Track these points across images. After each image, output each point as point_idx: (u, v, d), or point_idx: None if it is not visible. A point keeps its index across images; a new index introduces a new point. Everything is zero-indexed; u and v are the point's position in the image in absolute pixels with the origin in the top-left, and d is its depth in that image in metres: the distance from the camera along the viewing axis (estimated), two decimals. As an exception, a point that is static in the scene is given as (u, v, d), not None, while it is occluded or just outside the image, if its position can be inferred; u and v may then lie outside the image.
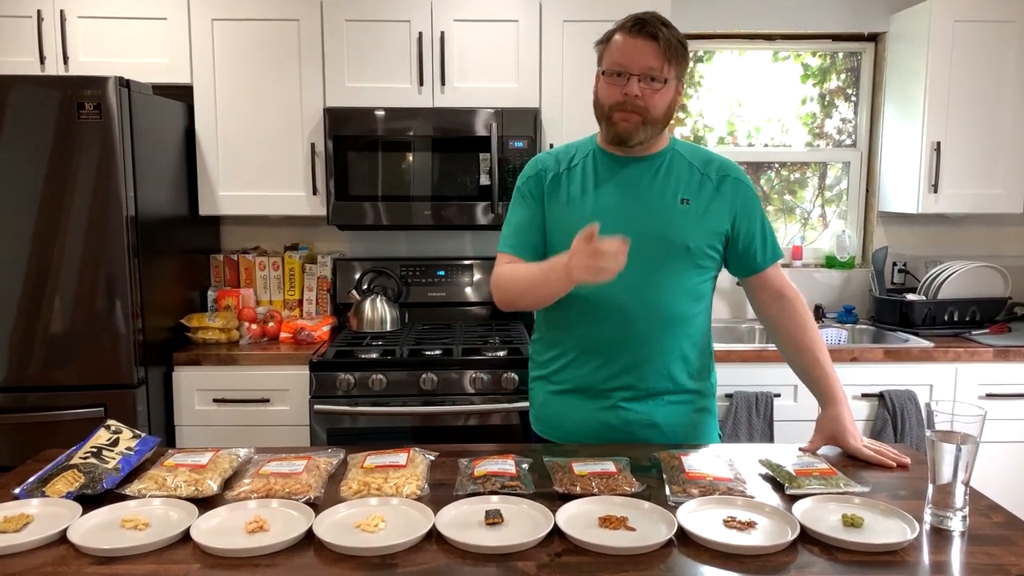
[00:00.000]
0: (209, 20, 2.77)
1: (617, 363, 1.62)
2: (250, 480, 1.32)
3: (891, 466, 1.46)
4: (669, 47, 1.51)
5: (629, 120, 1.55)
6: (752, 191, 1.67)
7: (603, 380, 1.63)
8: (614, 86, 1.55)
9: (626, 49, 1.53)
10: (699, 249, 1.61)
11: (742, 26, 3.20)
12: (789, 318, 1.66)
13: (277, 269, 3.08)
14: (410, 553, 1.11)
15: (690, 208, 1.61)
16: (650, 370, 1.62)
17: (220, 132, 2.82)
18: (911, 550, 1.13)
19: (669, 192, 1.61)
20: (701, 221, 1.61)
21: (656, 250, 1.58)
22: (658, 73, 1.52)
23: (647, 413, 1.64)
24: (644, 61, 1.51)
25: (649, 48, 1.51)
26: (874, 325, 3.12)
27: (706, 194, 1.62)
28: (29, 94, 2.33)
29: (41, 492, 1.28)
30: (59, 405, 2.43)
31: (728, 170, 1.66)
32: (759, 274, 1.68)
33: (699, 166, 1.65)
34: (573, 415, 1.67)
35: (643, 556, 1.11)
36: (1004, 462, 2.69)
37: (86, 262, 2.40)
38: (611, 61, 1.56)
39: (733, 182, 1.64)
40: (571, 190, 1.65)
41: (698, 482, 1.32)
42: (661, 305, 1.60)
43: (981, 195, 2.96)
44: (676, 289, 1.61)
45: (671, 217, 1.60)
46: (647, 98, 1.53)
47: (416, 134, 2.77)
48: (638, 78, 1.52)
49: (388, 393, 2.54)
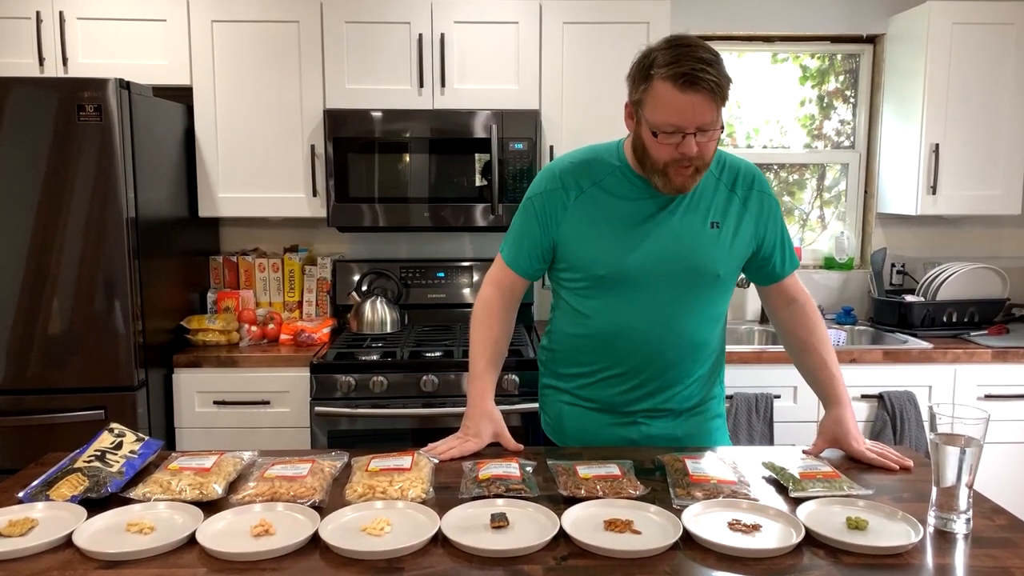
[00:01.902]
0: (209, 21, 2.77)
1: (643, 388, 1.62)
2: (255, 483, 1.32)
3: (894, 468, 1.46)
4: (720, 92, 1.38)
5: (686, 173, 1.46)
6: (775, 202, 1.63)
7: (627, 403, 1.64)
8: (668, 145, 1.42)
9: (680, 109, 1.38)
10: (728, 274, 1.60)
11: (741, 28, 3.21)
12: (799, 321, 1.65)
13: (277, 271, 3.07)
14: (416, 557, 1.11)
15: (720, 232, 1.57)
16: (675, 393, 1.63)
17: (220, 134, 2.82)
18: (916, 553, 1.13)
19: (699, 217, 1.56)
20: (731, 245, 1.58)
21: (685, 279, 1.56)
22: (712, 124, 1.41)
23: (669, 429, 1.65)
24: (700, 119, 1.39)
25: (703, 103, 1.37)
26: (873, 326, 3.13)
27: (734, 213, 1.58)
28: (29, 96, 2.32)
29: (45, 496, 1.28)
30: (59, 407, 2.43)
31: (753, 182, 1.60)
32: (776, 283, 1.68)
33: (725, 181, 1.59)
34: (593, 429, 1.67)
35: (649, 559, 1.11)
36: (1003, 463, 2.70)
37: (86, 264, 2.39)
38: (663, 121, 1.40)
39: (758, 195, 1.60)
40: (594, 213, 1.57)
41: (702, 485, 1.32)
42: (689, 334, 1.60)
43: (979, 197, 2.97)
44: (703, 315, 1.60)
45: (701, 245, 1.55)
46: (702, 148, 1.43)
47: (416, 136, 2.77)
48: (694, 135, 1.40)
49: (389, 395, 2.54)
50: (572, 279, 1.61)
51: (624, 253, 1.54)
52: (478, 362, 1.63)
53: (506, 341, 1.69)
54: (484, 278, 1.68)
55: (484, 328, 1.65)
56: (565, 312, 1.66)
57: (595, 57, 2.81)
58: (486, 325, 1.65)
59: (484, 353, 1.64)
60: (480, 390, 1.61)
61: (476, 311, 1.68)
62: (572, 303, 1.63)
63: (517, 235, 1.64)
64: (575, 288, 1.61)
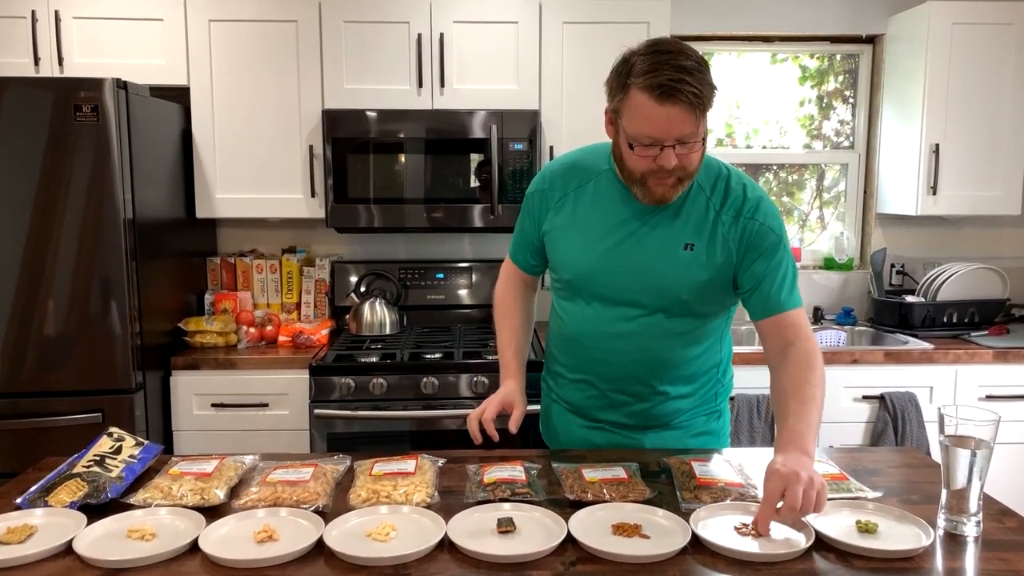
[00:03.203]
0: (206, 21, 2.74)
1: (605, 398, 1.61)
2: (257, 488, 1.30)
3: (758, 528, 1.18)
4: (700, 103, 1.30)
5: (666, 184, 1.40)
6: (773, 234, 1.46)
7: (593, 408, 1.64)
8: (645, 157, 1.36)
9: (657, 121, 1.31)
10: (696, 300, 1.49)
11: (740, 28, 3.20)
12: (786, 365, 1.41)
13: (275, 272, 3.05)
14: (423, 562, 1.10)
15: (693, 255, 1.46)
16: (638, 409, 1.60)
17: (217, 134, 2.80)
18: (926, 556, 1.12)
19: (674, 237, 1.47)
20: (703, 270, 1.47)
21: (649, 295, 1.50)
22: (693, 136, 1.34)
23: (635, 439, 1.63)
24: (678, 131, 1.32)
25: (681, 116, 1.30)
26: (873, 327, 3.12)
27: (716, 238, 1.47)
28: (24, 96, 2.29)
29: (44, 502, 1.26)
30: (55, 411, 2.40)
31: (743, 209, 1.47)
32: (763, 320, 1.48)
33: (714, 202, 1.48)
34: (564, 428, 1.71)
35: (658, 564, 1.10)
36: (1004, 464, 2.69)
37: (82, 265, 2.37)
38: (640, 132, 1.34)
39: (748, 223, 1.46)
40: (573, 216, 1.55)
41: (710, 488, 1.32)
42: (653, 352, 1.53)
43: (979, 197, 2.96)
44: (669, 335, 1.52)
45: (668, 265, 1.47)
46: (683, 159, 1.36)
47: (415, 136, 2.75)
48: (673, 147, 1.34)
49: (388, 397, 2.52)
50: (554, 279, 1.66)
51: (589, 260, 1.53)
52: (505, 352, 1.72)
53: (528, 325, 1.77)
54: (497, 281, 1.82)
55: (504, 320, 1.76)
56: (552, 311, 1.71)
57: (595, 57, 2.80)
58: (506, 317, 1.75)
59: (510, 344, 1.72)
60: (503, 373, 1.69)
61: (495, 303, 1.79)
62: (554, 303, 1.68)
63: (517, 230, 1.72)
64: (556, 288, 1.66)
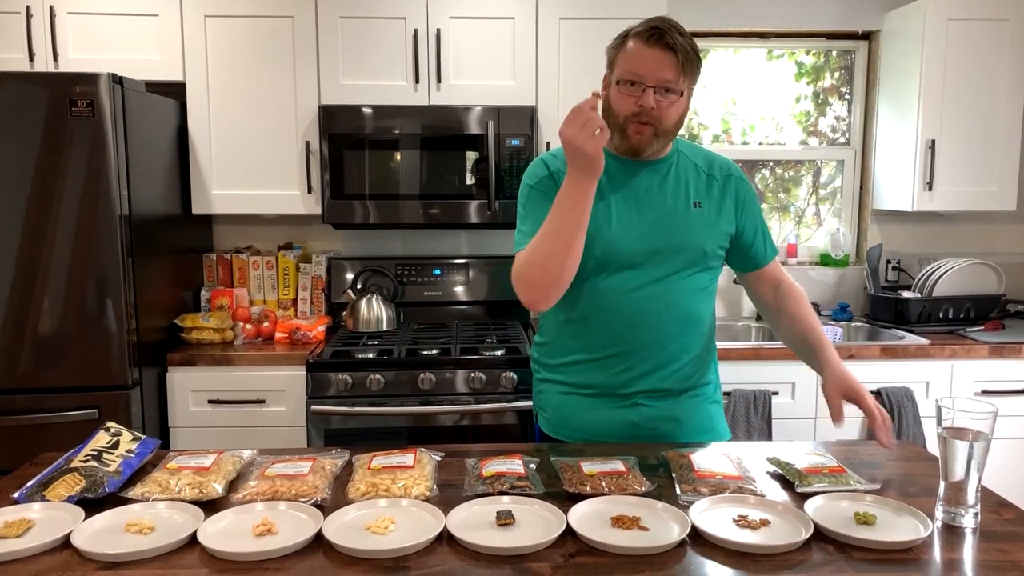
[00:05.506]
0: (202, 16, 2.73)
1: (641, 366, 1.61)
2: (255, 482, 1.30)
3: (882, 442, 1.44)
4: (687, 58, 1.47)
5: (643, 133, 1.52)
6: (752, 189, 1.70)
7: (626, 383, 1.62)
8: (628, 96, 1.50)
9: (642, 59, 1.48)
10: (712, 251, 1.63)
11: (736, 24, 3.21)
12: (785, 299, 1.69)
13: (271, 268, 3.05)
14: (422, 555, 1.10)
15: (703, 211, 1.62)
16: (673, 371, 1.63)
17: (213, 130, 2.79)
18: (925, 548, 1.13)
19: (681, 197, 1.62)
20: (714, 223, 1.63)
21: (674, 255, 1.59)
22: (674, 85, 1.48)
23: (669, 408, 1.64)
24: (660, 73, 1.47)
25: (666, 59, 1.46)
26: (869, 323, 3.13)
27: (715, 195, 1.64)
28: (19, 91, 2.28)
29: (41, 496, 1.25)
30: (51, 407, 2.39)
31: (730, 169, 1.69)
32: (760, 269, 1.73)
33: (703, 167, 1.66)
34: (595, 416, 1.65)
35: (658, 556, 1.10)
36: (999, 458, 2.70)
37: (78, 261, 2.36)
38: (626, 70, 1.50)
39: (736, 181, 1.67)
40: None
41: (708, 480, 1.32)
42: (683, 308, 1.61)
43: (975, 193, 2.97)
44: (693, 291, 1.62)
45: (686, 222, 1.60)
46: (661, 110, 1.50)
47: (411, 132, 2.75)
48: (654, 89, 1.48)
49: (385, 393, 2.52)
50: None
51: (620, 229, 1.57)
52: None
53: None
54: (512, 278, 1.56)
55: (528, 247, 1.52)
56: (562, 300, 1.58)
57: (592, 53, 2.79)
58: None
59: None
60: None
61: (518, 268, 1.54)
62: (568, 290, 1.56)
63: (530, 221, 1.57)
64: None
